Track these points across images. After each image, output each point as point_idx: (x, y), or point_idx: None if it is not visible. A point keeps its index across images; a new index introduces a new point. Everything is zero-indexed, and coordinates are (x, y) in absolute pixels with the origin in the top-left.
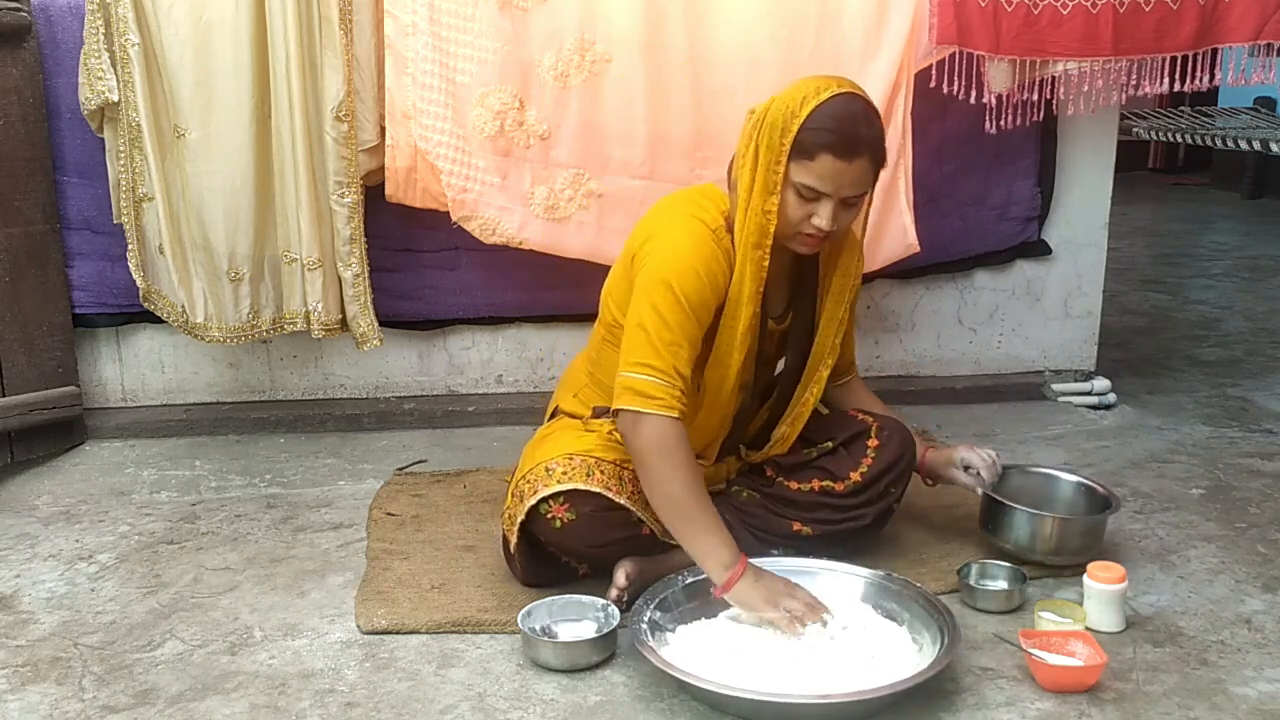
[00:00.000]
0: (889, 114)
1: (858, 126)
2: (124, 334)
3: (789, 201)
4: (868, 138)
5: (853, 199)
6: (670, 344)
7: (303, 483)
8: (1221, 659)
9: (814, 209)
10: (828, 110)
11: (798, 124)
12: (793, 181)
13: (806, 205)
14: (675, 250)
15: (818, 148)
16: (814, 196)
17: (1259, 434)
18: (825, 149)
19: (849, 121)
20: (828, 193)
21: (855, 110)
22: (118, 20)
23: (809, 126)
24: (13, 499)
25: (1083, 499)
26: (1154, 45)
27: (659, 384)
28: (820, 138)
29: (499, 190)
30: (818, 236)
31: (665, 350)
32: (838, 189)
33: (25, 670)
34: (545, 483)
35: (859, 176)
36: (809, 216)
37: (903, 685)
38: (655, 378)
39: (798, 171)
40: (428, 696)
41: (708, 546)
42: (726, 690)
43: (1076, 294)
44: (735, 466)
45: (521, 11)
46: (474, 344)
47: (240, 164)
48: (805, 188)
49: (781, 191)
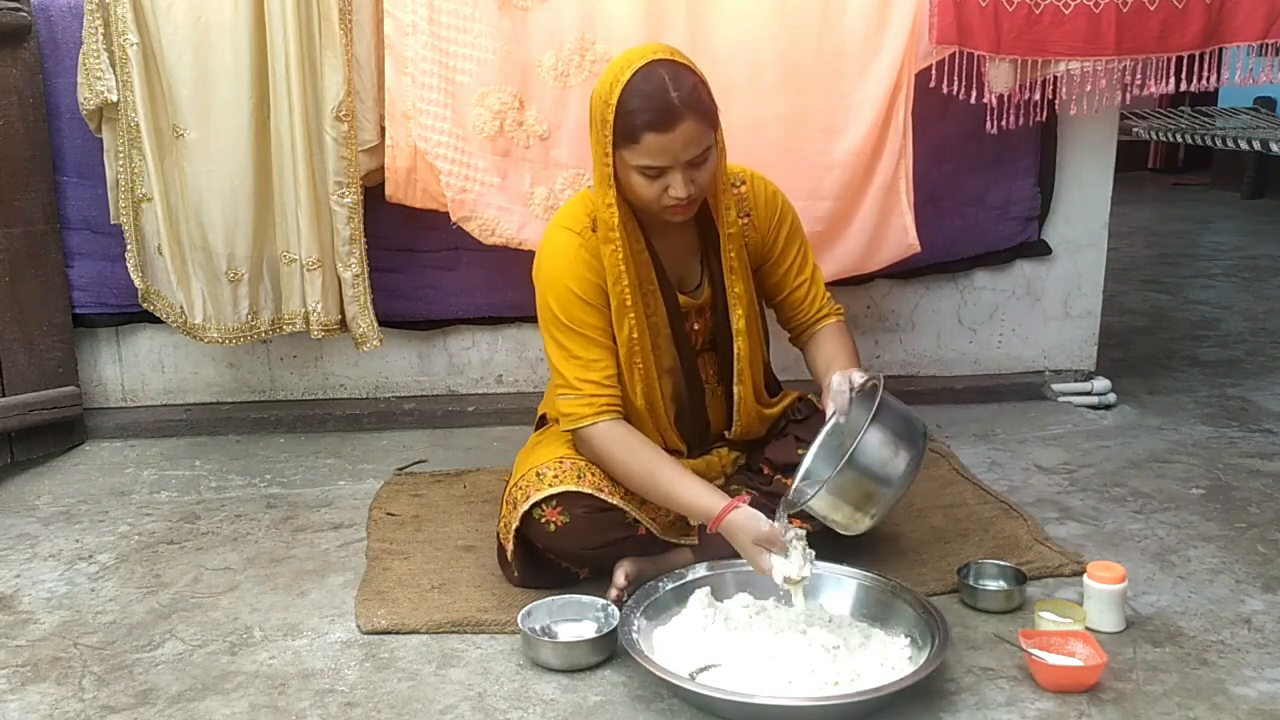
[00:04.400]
0: (890, 114)
1: (667, 95)
2: (124, 334)
3: (638, 183)
4: (682, 101)
5: (697, 159)
6: (567, 359)
7: (303, 483)
8: (1221, 659)
9: (664, 182)
10: (633, 90)
11: (612, 113)
12: (632, 165)
13: (655, 182)
14: (543, 268)
15: (638, 129)
16: (657, 173)
17: (1259, 434)
18: (645, 129)
19: (657, 94)
20: (667, 165)
21: (659, 80)
22: (117, 20)
23: (622, 112)
24: (13, 499)
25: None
26: (1159, 45)
27: (569, 399)
28: (637, 119)
29: (499, 190)
30: (682, 205)
31: (564, 367)
32: (675, 158)
33: (25, 670)
34: (537, 487)
35: (690, 139)
36: (664, 190)
37: (894, 687)
38: (566, 394)
39: (632, 156)
40: (428, 696)
41: (691, 503)
42: (719, 694)
43: (1076, 294)
44: (729, 459)
45: (521, 11)
46: (474, 344)
47: (239, 164)
48: (645, 168)
49: (626, 176)
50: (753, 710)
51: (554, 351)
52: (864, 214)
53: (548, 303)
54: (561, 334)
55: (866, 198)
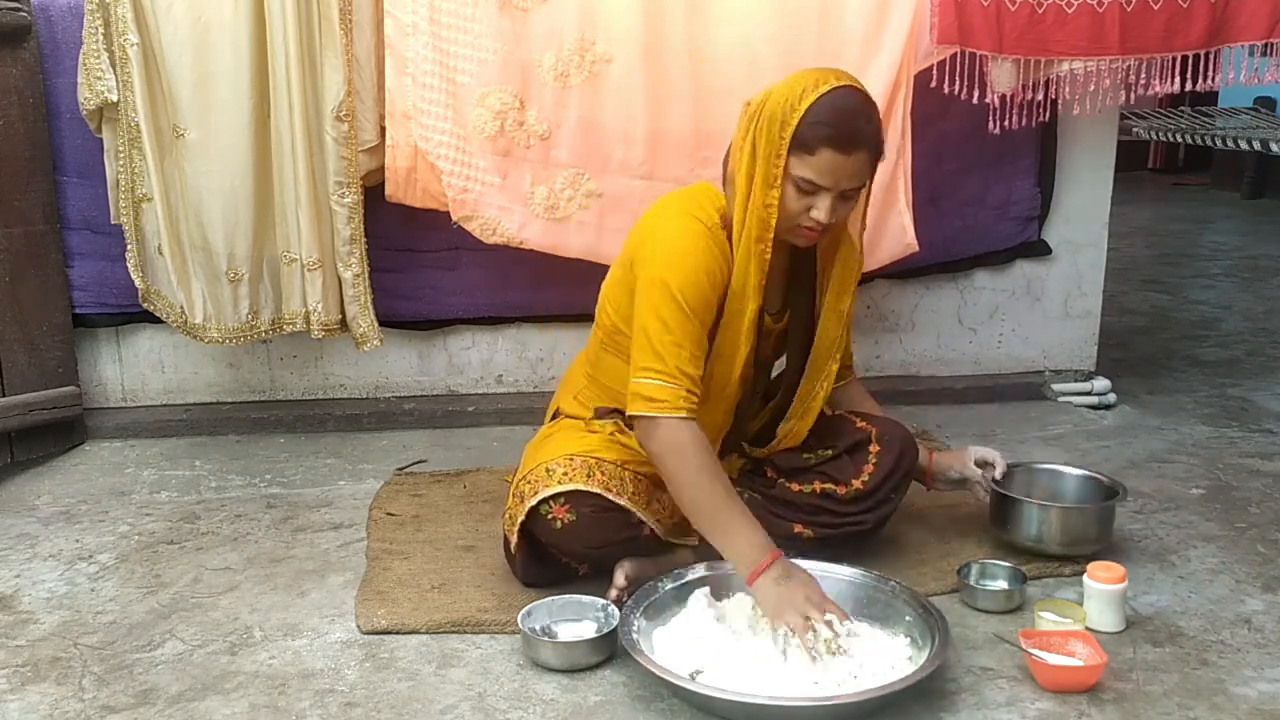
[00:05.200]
0: (889, 113)
1: (857, 120)
2: (124, 334)
3: (788, 195)
4: (867, 132)
5: (851, 192)
6: (672, 345)
7: (303, 483)
8: (1221, 659)
9: (812, 202)
10: (827, 104)
11: (797, 117)
12: (792, 175)
13: (805, 198)
14: (671, 250)
15: (817, 142)
16: (812, 190)
17: (1259, 434)
18: (825, 143)
19: (849, 115)
20: (827, 186)
21: (854, 104)
22: (117, 20)
23: (809, 120)
24: (13, 499)
25: (1089, 490)
26: (1163, 44)
27: (664, 386)
28: (820, 131)
29: (499, 190)
30: (816, 229)
31: (667, 352)
32: (836, 183)
33: (25, 670)
34: (546, 483)
35: (858, 170)
36: (807, 209)
37: (895, 687)
38: (660, 380)
39: (797, 165)
40: (428, 696)
41: (735, 546)
42: (719, 694)
43: (1076, 294)
44: (738, 465)
45: (521, 11)
46: (474, 344)
47: (239, 164)
48: (804, 181)
49: (781, 185)
50: (753, 710)
51: (658, 333)
52: None
53: (666, 282)
54: (674, 317)
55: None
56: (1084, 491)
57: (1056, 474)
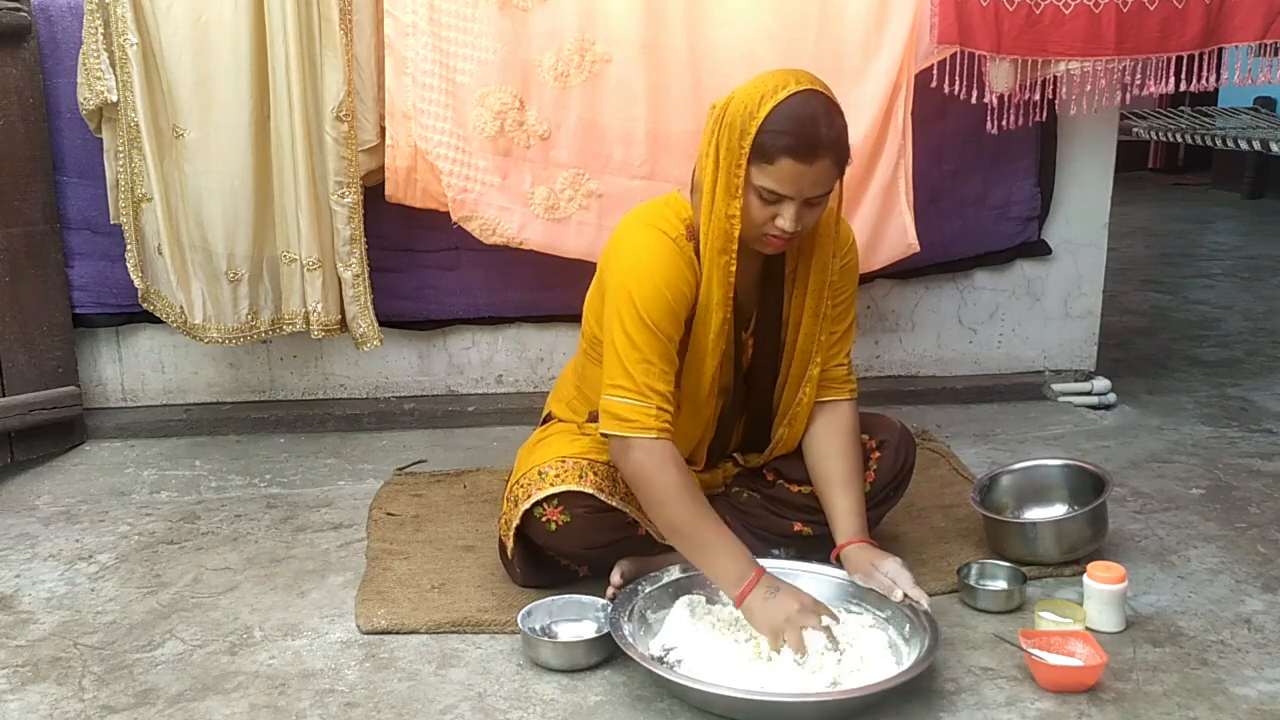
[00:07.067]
0: (889, 113)
1: (818, 127)
2: (124, 334)
3: (751, 204)
4: (828, 138)
5: (816, 199)
6: (640, 361)
7: (303, 483)
8: (1221, 659)
9: (777, 210)
10: (785, 111)
11: (755, 126)
12: (754, 184)
13: (769, 208)
14: (636, 266)
15: (777, 151)
16: (776, 199)
17: (1259, 434)
18: (785, 152)
19: (809, 122)
20: (789, 195)
21: (814, 109)
22: (116, 20)
23: (767, 129)
24: (13, 499)
25: (1076, 480)
26: (1159, 45)
27: (634, 405)
28: (779, 141)
29: (499, 190)
30: (782, 238)
31: (635, 369)
32: (799, 191)
33: (25, 670)
34: (539, 486)
35: (821, 177)
36: (772, 218)
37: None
38: (630, 399)
39: (758, 175)
40: (428, 696)
41: (716, 567)
42: (720, 693)
43: (1076, 294)
44: (731, 472)
45: (521, 11)
46: (474, 344)
47: (239, 164)
48: (766, 190)
49: (743, 194)
50: (752, 708)
51: (626, 351)
52: (863, 214)
53: (630, 298)
54: (640, 334)
55: (865, 197)
56: (1070, 482)
57: (1039, 469)
